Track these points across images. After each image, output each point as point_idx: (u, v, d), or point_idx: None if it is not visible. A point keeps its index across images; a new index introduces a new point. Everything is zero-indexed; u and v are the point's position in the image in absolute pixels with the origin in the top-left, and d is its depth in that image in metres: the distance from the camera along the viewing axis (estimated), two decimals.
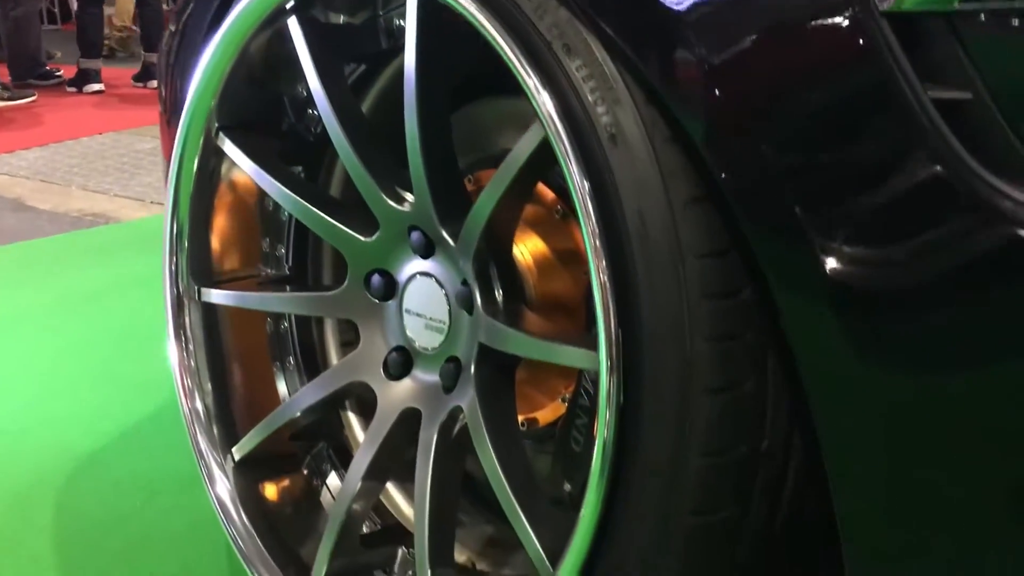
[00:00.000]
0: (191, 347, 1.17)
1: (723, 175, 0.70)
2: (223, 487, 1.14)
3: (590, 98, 0.75)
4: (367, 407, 1.14)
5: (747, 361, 0.75)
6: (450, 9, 0.85)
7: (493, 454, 0.92)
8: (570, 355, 0.84)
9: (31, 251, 2.86)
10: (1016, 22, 0.57)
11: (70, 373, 1.98)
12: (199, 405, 1.16)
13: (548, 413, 1.10)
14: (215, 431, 1.16)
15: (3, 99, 5.09)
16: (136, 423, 1.76)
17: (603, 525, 0.79)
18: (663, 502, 0.76)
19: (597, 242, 0.74)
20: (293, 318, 1.28)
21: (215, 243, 1.22)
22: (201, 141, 1.15)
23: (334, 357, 1.29)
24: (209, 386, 1.17)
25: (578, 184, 0.75)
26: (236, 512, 1.12)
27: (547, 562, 0.85)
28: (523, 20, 0.79)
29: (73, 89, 5.53)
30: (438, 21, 0.89)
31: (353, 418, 1.28)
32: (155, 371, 1.91)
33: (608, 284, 0.74)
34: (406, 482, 1.22)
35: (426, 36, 0.91)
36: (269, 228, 1.26)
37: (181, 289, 1.16)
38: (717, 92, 0.69)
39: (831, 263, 0.65)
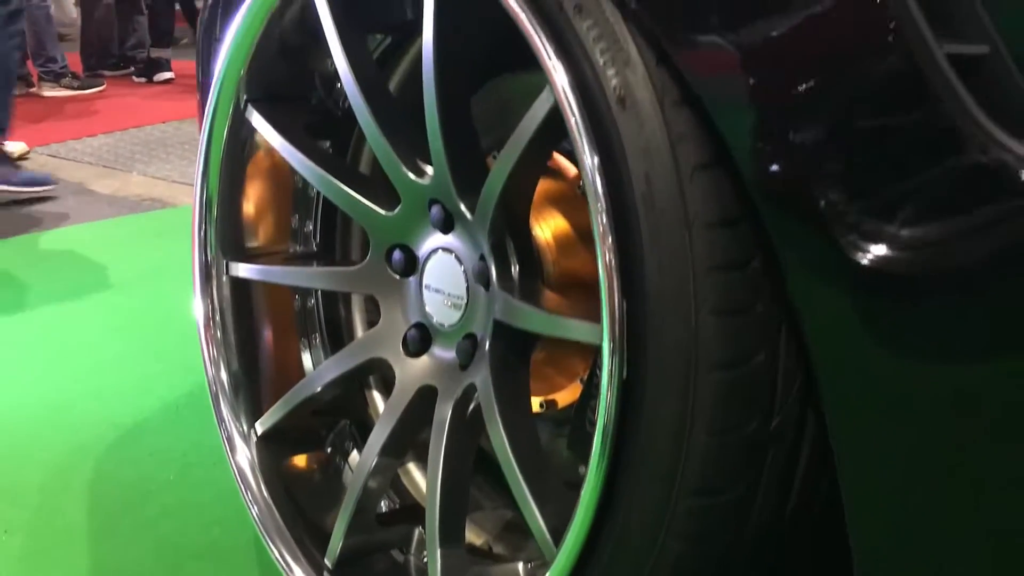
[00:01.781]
0: (218, 317, 1.17)
1: (733, 141, 0.67)
2: (243, 456, 1.14)
3: (600, 60, 0.73)
4: (390, 385, 1.13)
5: (757, 335, 0.72)
6: None
7: (503, 432, 0.91)
8: (579, 329, 0.82)
9: (89, 232, 2.93)
10: None
11: (119, 349, 2.02)
12: (224, 375, 1.17)
13: (566, 395, 1.08)
14: (240, 401, 1.17)
15: (73, 88, 5.25)
16: (176, 399, 1.79)
17: (605, 504, 0.77)
18: (666, 481, 0.73)
19: (602, 209, 0.72)
20: (320, 294, 1.28)
21: (245, 217, 1.23)
22: (231, 113, 1.15)
23: (360, 334, 1.28)
24: (235, 357, 1.18)
25: (584, 147, 0.73)
26: (256, 483, 1.12)
27: (550, 540, 0.83)
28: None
29: (143, 80, 5.65)
30: None
31: (377, 396, 1.28)
32: (198, 351, 1.95)
33: (613, 253, 0.72)
34: (426, 461, 1.21)
35: (443, 10, 0.89)
36: (299, 204, 1.26)
37: (209, 259, 1.17)
38: (731, 56, 0.67)
39: (845, 238, 0.62)
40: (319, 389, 1.12)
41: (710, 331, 0.70)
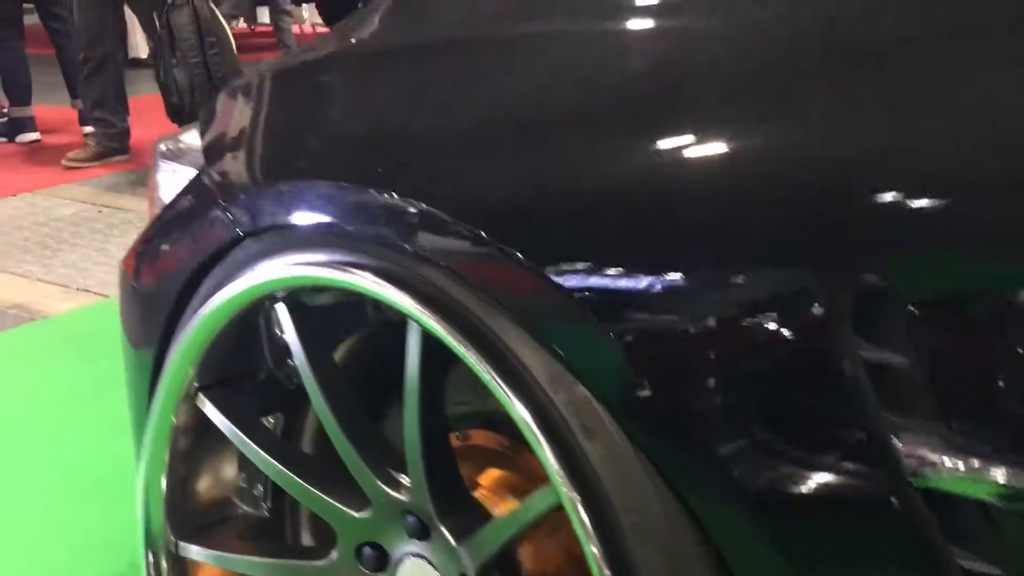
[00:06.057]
0: None
1: None
2: None
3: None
4: None
5: None
6: None
7: None
8: None
9: None
10: None
11: (6, 533, 1.80)
12: None
13: None
14: None
15: None
16: None
17: None
18: None
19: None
20: None
21: (191, 487, 1.20)
22: (179, 401, 1.12)
23: None
24: None
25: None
26: None
27: None
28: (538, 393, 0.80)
29: (3, 140, 5.17)
30: None
31: None
32: (116, 522, 1.69)
33: None
34: None
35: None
36: (245, 463, 1.23)
37: None
38: None
39: None
40: None
41: None
